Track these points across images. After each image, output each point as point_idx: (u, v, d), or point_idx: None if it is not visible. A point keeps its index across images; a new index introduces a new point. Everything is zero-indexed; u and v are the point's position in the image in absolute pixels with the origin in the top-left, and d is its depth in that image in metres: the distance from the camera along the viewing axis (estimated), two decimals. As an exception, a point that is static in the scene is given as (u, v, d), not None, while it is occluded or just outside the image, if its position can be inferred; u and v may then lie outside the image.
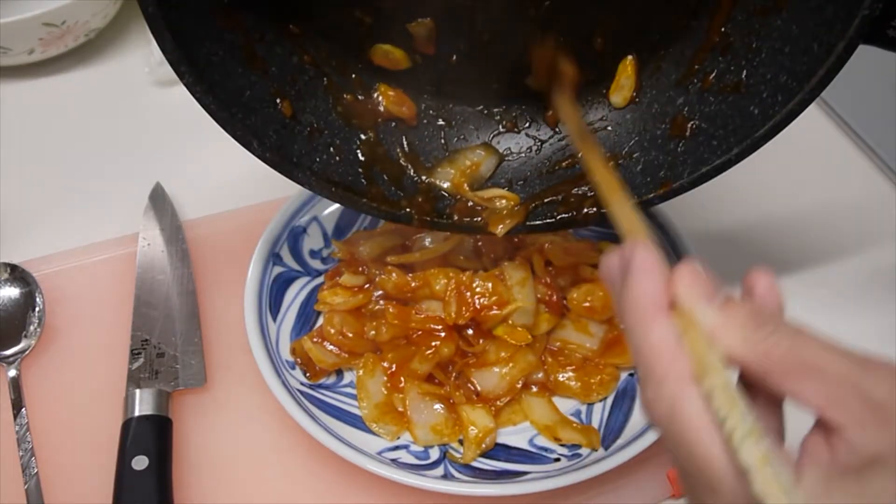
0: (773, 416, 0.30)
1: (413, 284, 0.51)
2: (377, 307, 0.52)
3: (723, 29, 0.46)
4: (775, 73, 0.43)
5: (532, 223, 0.48)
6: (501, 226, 0.48)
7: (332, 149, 0.48)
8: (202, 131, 0.69)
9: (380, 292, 0.52)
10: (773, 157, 0.48)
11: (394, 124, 0.51)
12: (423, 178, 0.50)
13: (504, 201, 0.49)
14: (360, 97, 0.50)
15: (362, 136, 0.49)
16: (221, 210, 0.62)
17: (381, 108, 0.50)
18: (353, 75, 0.50)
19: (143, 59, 0.74)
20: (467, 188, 0.50)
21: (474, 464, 0.48)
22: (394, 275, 0.51)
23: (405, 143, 0.51)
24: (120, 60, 0.76)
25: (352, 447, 0.46)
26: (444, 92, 0.51)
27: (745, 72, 0.45)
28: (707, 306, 0.30)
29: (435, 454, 0.48)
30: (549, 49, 0.47)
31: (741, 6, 0.45)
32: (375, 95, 0.50)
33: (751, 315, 0.29)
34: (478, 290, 0.50)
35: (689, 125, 0.47)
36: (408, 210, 0.49)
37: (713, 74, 0.46)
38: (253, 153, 0.45)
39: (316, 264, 0.56)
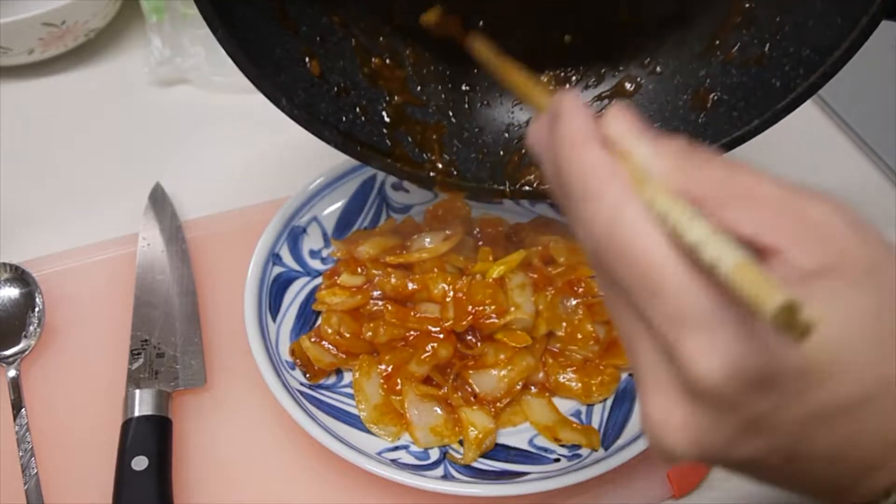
0: None
1: (411, 287, 0.51)
2: (375, 308, 0.52)
3: (747, 4, 0.46)
4: (798, 46, 0.44)
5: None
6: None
7: (357, 109, 0.49)
8: (202, 131, 0.70)
9: (378, 292, 0.52)
10: (769, 155, 0.48)
11: (419, 87, 0.52)
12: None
13: None
14: (387, 61, 0.50)
15: (388, 99, 0.50)
16: (221, 210, 0.62)
17: (409, 72, 0.51)
18: (381, 38, 0.51)
19: (143, 59, 0.74)
20: None
21: (474, 464, 0.48)
22: (393, 277, 0.51)
23: (431, 107, 0.52)
24: (120, 60, 0.76)
25: (352, 447, 0.46)
26: (469, 58, 0.52)
27: (768, 45, 0.45)
28: (639, 140, 0.29)
29: (435, 455, 0.48)
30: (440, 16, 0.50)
31: None
32: (403, 60, 0.51)
33: (684, 147, 0.28)
34: (477, 297, 0.50)
35: (711, 97, 0.48)
36: (430, 173, 0.50)
37: (736, 47, 0.47)
38: (282, 110, 0.46)
39: (316, 264, 0.56)
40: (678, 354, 0.25)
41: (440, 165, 0.50)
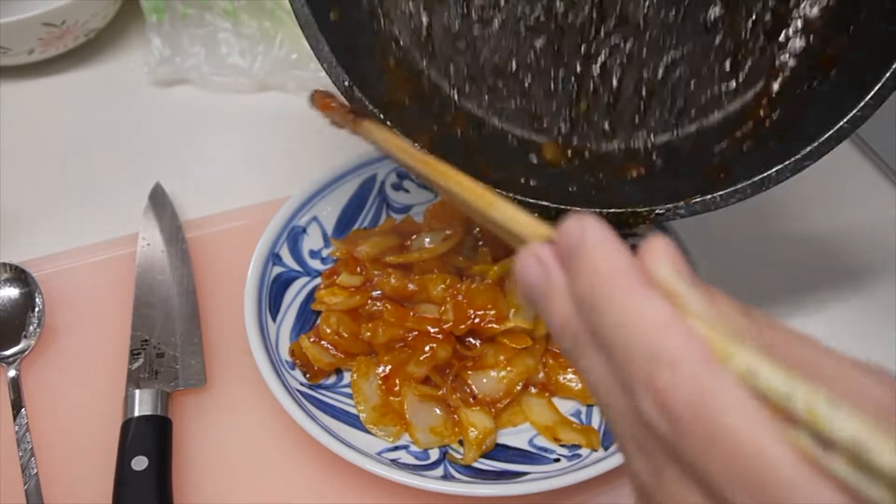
0: None
1: (411, 288, 0.51)
2: (374, 308, 0.52)
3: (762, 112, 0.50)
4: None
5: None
6: None
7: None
8: (202, 131, 0.70)
9: (378, 292, 0.52)
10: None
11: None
12: None
13: None
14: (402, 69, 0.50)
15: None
16: (221, 210, 0.62)
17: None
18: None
19: (142, 59, 0.74)
20: None
21: (474, 464, 0.48)
22: (392, 278, 0.51)
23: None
24: (120, 60, 0.76)
25: (352, 447, 0.46)
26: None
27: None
28: (692, 289, 0.24)
29: (435, 455, 0.48)
30: None
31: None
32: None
33: (734, 305, 0.24)
34: (477, 301, 0.50)
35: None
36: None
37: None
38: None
39: (315, 264, 0.56)
40: None
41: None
